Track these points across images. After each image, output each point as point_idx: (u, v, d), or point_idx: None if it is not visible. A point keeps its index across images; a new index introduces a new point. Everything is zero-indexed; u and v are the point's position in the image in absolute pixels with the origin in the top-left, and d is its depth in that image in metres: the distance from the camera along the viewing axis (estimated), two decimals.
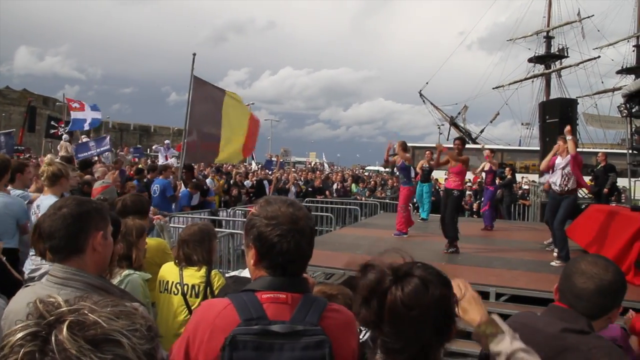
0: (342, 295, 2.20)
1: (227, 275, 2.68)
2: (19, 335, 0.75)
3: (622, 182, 13.65)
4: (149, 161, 18.37)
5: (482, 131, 39.64)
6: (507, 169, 16.29)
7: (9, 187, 4.83)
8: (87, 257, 1.77)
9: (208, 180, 12.23)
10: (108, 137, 14.37)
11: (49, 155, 5.18)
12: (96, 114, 15.43)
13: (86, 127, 14.97)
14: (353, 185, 18.75)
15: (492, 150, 11.99)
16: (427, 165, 11.90)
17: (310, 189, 16.41)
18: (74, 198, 1.88)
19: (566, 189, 7.32)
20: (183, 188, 9.92)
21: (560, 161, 7.40)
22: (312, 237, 1.62)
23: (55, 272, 1.73)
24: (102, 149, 13.36)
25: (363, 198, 17.01)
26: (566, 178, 7.30)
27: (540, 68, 42.05)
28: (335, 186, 17.64)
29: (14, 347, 0.74)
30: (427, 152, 12.26)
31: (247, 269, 2.39)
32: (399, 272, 1.36)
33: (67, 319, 0.77)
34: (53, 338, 0.74)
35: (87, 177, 7.38)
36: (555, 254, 7.53)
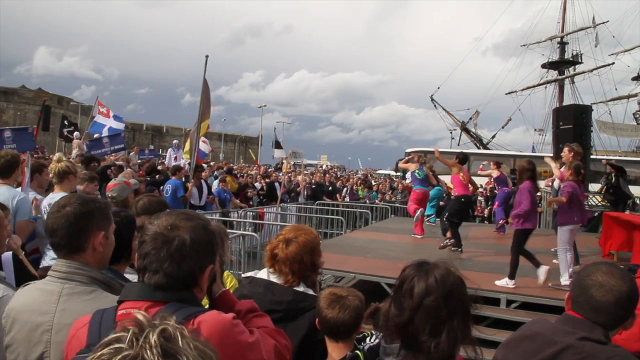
0: (352, 296, 2.20)
1: (243, 276, 2.70)
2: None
3: (635, 190, 13.50)
4: (158, 161, 18.47)
5: (493, 137, 39.45)
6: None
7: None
8: (88, 256, 1.77)
9: (215, 183, 12.18)
10: (122, 134, 14.37)
11: (58, 153, 5.22)
12: (117, 124, 15.48)
13: (104, 133, 15.05)
14: (359, 189, 18.73)
15: (497, 163, 12.00)
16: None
17: (320, 190, 16.40)
18: (79, 197, 1.87)
19: None
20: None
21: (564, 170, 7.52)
22: (185, 254, 1.39)
23: (59, 267, 1.74)
24: (117, 146, 13.33)
25: (376, 201, 17.00)
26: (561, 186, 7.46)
27: (553, 74, 41.76)
28: (345, 190, 17.64)
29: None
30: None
31: (263, 270, 2.42)
32: (421, 266, 1.46)
33: (161, 327, 0.81)
34: (145, 335, 0.78)
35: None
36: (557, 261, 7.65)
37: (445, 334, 1.36)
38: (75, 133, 16.23)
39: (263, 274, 2.39)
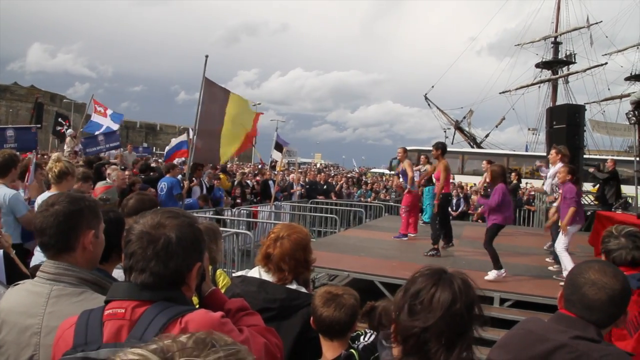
0: (348, 295, 2.21)
1: (234, 275, 2.69)
2: None
3: (628, 189, 13.57)
4: (152, 159, 18.39)
5: (487, 136, 39.57)
6: (513, 174, 16.22)
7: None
8: (78, 255, 1.74)
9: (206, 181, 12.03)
10: (118, 132, 14.27)
11: (56, 153, 5.21)
12: (114, 125, 15.37)
13: (100, 132, 14.92)
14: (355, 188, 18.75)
15: (490, 162, 11.98)
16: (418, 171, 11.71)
17: (314, 188, 16.40)
18: (67, 195, 1.84)
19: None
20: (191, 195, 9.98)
21: (551, 171, 7.71)
22: (171, 252, 1.38)
23: (47, 268, 1.70)
24: (112, 144, 13.23)
25: (369, 200, 17.01)
26: (555, 187, 7.66)
27: (547, 74, 41.97)
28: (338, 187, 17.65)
29: None
30: (422, 157, 11.97)
31: (254, 269, 2.41)
32: (440, 275, 1.45)
33: None
34: None
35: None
36: (550, 260, 7.78)
37: (459, 344, 1.37)
38: (69, 130, 16.10)
39: (254, 272, 2.39)
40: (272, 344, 1.62)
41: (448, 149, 9.25)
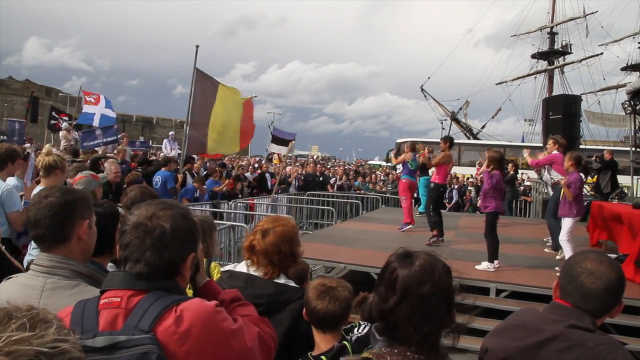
0: (342, 287, 2.19)
1: (221, 270, 2.67)
2: None
3: (624, 179, 13.60)
4: (151, 153, 18.25)
5: (483, 127, 39.61)
6: (510, 165, 16.26)
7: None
8: (73, 246, 1.75)
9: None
10: (116, 127, 14.14)
11: (47, 146, 5.21)
12: (108, 111, 15.18)
13: (94, 123, 14.74)
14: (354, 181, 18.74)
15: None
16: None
17: (310, 179, 16.39)
18: (60, 187, 1.86)
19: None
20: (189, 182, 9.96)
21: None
22: (166, 242, 1.40)
23: (41, 261, 1.70)
24: (109, 138, 13.09)
25: (364, 192, 17.01)
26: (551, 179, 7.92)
27: (543, 64, 41.99)
28: (333, 180, 17.63)
29: None
30: (427, 149, 12.15)
31: (241, 263, 2.39)
32: (404, 256, 1.45)
33: None
34: None
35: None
36: (549, 251, 7.99)
37: (428, 323, 1.36)
38: (64, 124, 15.97)
39: (242, 267, 2.36)
40: (265, 334, 1.63)
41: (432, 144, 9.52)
